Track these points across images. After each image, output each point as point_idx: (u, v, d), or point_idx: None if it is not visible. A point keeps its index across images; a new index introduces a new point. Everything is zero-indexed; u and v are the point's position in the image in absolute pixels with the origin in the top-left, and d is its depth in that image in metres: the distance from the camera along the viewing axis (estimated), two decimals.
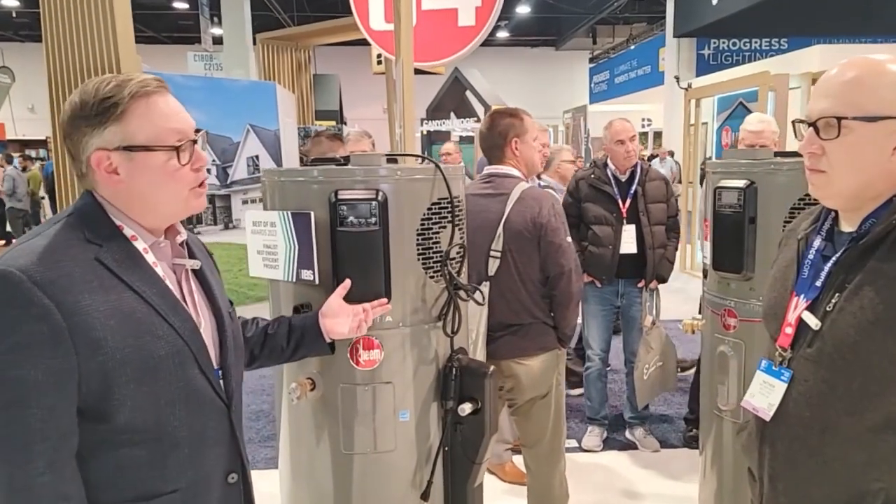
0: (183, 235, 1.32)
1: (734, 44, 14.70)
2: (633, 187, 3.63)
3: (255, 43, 12.27)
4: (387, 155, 1.90)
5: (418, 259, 1.89)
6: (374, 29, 7.13)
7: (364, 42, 12.87)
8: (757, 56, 14.39)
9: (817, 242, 1.34)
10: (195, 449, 1.24)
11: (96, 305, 1.10)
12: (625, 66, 17.82)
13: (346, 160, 1.87)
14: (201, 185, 1.26)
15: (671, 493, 3.38)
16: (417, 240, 1.88)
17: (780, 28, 14.03)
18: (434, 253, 1.91)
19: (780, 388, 1.31)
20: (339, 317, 1.71)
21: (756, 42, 14.75)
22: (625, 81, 17.67)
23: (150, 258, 1.21)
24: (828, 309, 1.24)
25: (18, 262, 1.07)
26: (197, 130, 1.26)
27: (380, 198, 1.79)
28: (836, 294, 1.24)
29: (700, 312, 3.84)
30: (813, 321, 1.26)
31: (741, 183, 2.12)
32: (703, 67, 13.92)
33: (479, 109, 17.97)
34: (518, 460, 3.39)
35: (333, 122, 14.96)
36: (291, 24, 18.01)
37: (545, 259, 2.53)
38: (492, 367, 1.95)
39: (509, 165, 2.62)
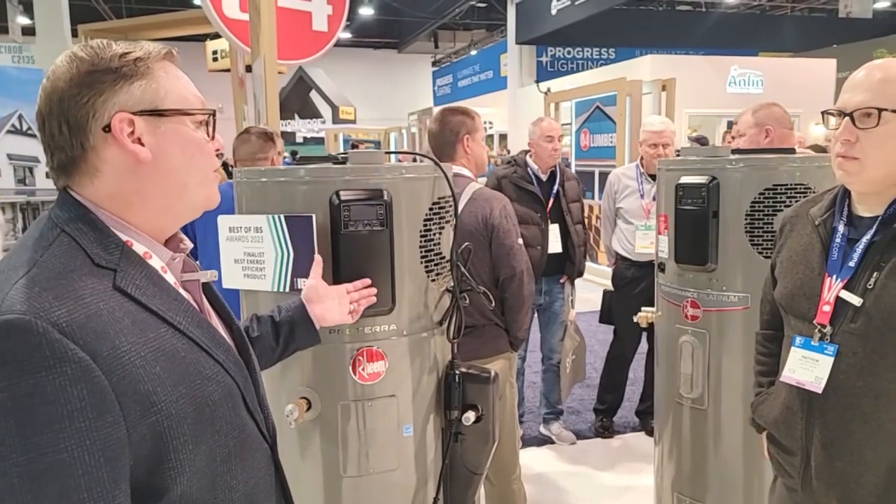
0: (188, 244, 1.04)
1: (569, 52, 15.64)
2: (555, 187, 3.70)
3: (75, 35, 11.20)
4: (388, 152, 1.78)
5: (421, 262, 1.78)
6: (228, 17, 6.49)
7: (197, 38, 12.11)
8: (589, 64, 15.43)
9: (842, 227, 1.46)
10: None
11: (136, 350, 0.84)
12: (468, 71, 18.31)
13: (344, 159, 1.73)
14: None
15: (601, 482, 3.48)
16: (420, 241, 1.77)
17: (610, 39, 15.20)
18: (435, 255, 1.81)
19: (825, 361, 1.41)
20: (326, 300, 1.54)
21: (588, 51, 15.79)
22: (468, 85, 18.14)
23: (170, 279, 0.97)
24: (868, 286, 1.37)
25: (31, 305, 0.77)
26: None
27: (386, 198, 1.67)
28: (875, 273, 1.37)
29: (602, 304, 4.06)
30: (854, 299, 1.38)
31: (703, 179, 2.21)
32: (542, 74, 14.68)
33: (326, 110, 17.68)
34: None
35: None
36: (112, 15, 16.63)
37: (497, 261, 2.49)
38: (494, 372, 1.88)
39: (460, 164, 2.55)
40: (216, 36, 13.08)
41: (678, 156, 2.51)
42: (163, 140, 0.94)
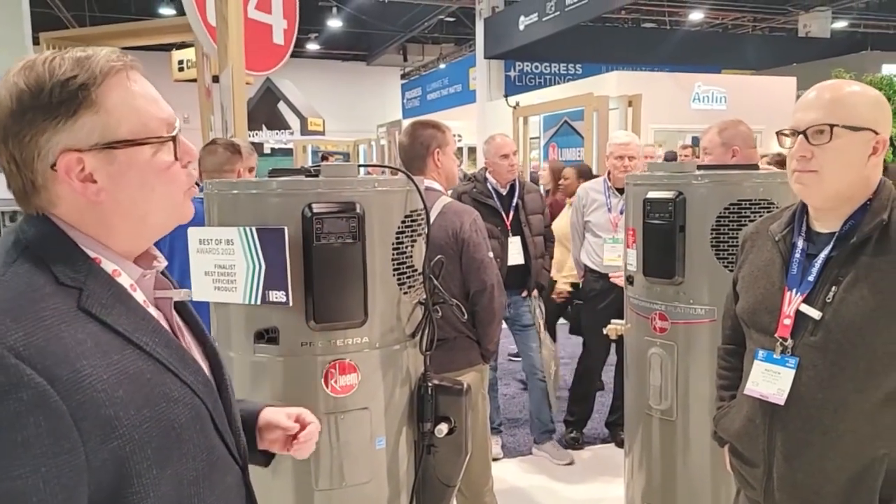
0: (162, 261, 1.01)
1: (536, 67, 15.84)
2: (515, 200, 3.74)
3: (37, 43, 11.00)
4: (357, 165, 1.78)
5: (393, 274, 1.78)
6: (212, 25, 6.39)
7: (163, 47, 11.94)
8: (556, 79, 15.62)
9: (801, 243, 1.50)
10: None
11: (98, 374, 0.80)
12: (437, 84, 18.39)
13: (317, 171, 1.73)
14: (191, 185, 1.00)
15: (572, 493, 3.50)
16: (393, 254, 1.77)
17: (576, 55, 15.45)
18: (407, 268, 1.82)
19: (787, 374, 1.44)
20: (277, 443, 1.25)
21: (555, 66, 16.00)
22: (437, 98, 18.21)
23: (139, 297, 0.93)
24: (827, 300, 1.41)
25: None
26: None
27: (358, 211, 1.67)
28: (833, 287, 1.41)
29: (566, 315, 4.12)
30: (814, 312, 1.42)
31: (670, 194, 2.26)
32: (511, 88, 14.82)
33: (294, 121, 17.57)
34: None
35: None
36: (74, 24, 16.35)
37: (467, 275, 2.50)
38: (466, 384, 1.89)
39: (431, 178, 2.56)
40: (182, 46, 12.99)
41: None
42: (118, 174, 0.88)
